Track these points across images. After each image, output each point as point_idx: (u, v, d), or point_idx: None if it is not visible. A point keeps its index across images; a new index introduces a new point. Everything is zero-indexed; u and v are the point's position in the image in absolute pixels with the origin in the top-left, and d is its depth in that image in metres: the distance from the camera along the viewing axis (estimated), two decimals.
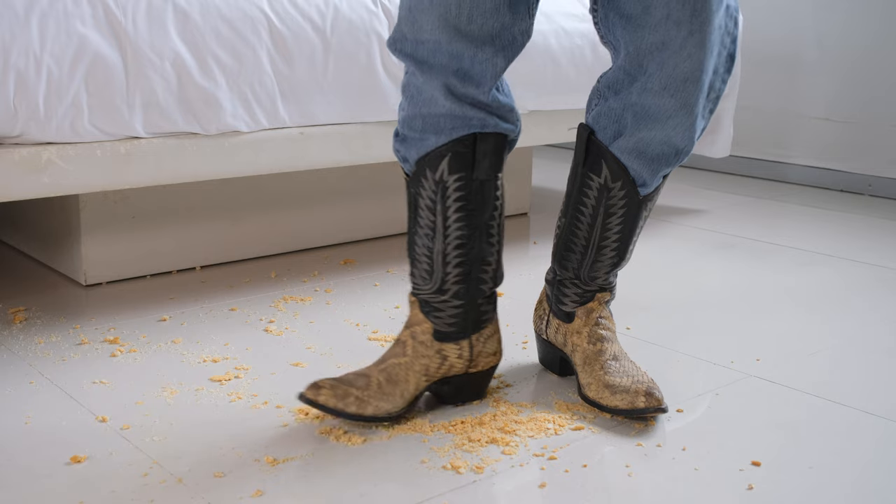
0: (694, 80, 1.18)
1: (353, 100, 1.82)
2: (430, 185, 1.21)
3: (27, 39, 1.44)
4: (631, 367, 1.29)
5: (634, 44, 1.19)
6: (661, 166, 1.25)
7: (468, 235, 1.23)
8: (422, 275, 1.26)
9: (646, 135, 1.22)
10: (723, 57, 1.21)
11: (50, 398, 1.30)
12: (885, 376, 1.45)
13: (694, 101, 1.19)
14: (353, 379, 1.23)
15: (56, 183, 1.52)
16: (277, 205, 2.04)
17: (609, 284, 1.35)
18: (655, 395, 1.22)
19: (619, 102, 1.23)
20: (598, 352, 1.31)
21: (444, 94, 1.17)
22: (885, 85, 2.87)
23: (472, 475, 1.11)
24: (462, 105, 1.18)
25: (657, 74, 1.18)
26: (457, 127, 1.19)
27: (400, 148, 1.25)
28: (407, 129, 1.23)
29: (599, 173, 1.26)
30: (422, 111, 1.20)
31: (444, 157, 1.20)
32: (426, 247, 1.24)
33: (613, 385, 1.25)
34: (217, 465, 1.12)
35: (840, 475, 1.13)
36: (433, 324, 1.26)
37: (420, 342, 1.26)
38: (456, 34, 1.14)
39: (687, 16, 1.15)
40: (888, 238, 2.34)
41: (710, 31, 1.16)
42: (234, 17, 1.66)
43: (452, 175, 1.21)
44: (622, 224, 1.28)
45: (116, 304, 1.72)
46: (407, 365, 1.25)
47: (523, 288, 1.84)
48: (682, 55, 1.16)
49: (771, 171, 3.16)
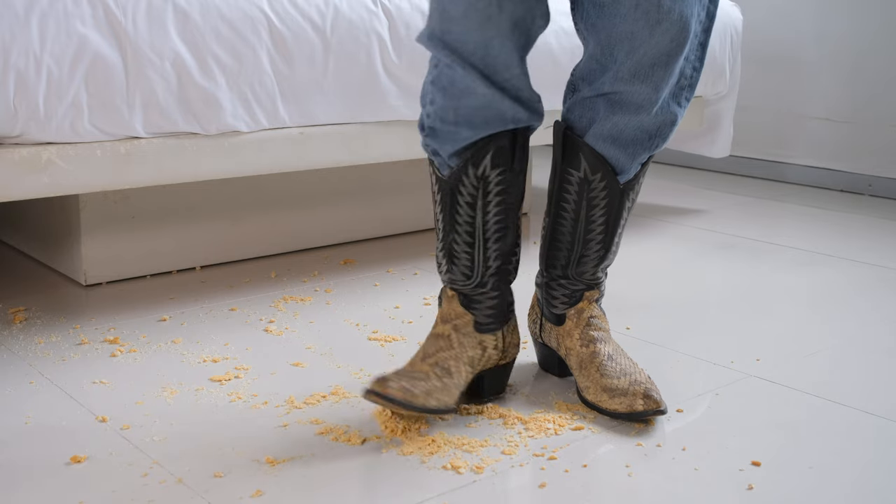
0: (662, 66, 1.20)
1: (353, 100, 1.82)
2: (472, 180, 1.22)
3: (27, 39, 1.44)
4: (628, 365, 1.29)
5: (605, 32, 1.21)
6: (638, 151, 1.26)
7: (504, 228, 1.26)
8: (463, 271, 1.27)
9: (619, 120, 1.24)
10: (694, 45, 1.23)
11: (50, 398, 1.30)
12: (885, 376, 1.45)
13: (663, 84, 1.21)
14: (412, 373, 1.22)
15: (56, 183, 1.52)
16: (277, 205, 2.04)
17: (597, 281, 1.35)
18: (653, 396, 1.23)
19: (592, 91, 1.25)
20: (591, 354, 1.31)
21: (481, 82, 1.17)
22: (885, 85, 2.87)
23: (472, 475, 1.11)
24: (499, 94, 1.18)
25: (626, 62, 1.20)
26: (489, 120, 1.19)
27: (430, 142, 1.24)
28: (438, 122, 1.22)
29: (578, 167, 1.28)
30: (456, 103, 1.19)
31: (488, 153, 1.21)
32: (466, 243, 1.26)
33: (611, 388, 1.26)
34: (217, 465, 1.12)
35: (840, 475, 1.13)
36: (474, 316, 1.28)
37: (464, 334, 1.28)
38: (486, 21, 1.14)
39: (655, 5, 1.17)
40: (888, 238, 2.34)
41: (678, 19, 1.17)
42: (234, 17, 1.66)
43: (495, 169, 1.22)
44: (606, 215, 1.29)
45: (116, 304, 1.72)
46: (457, 357, 1.26)
47: (523, 288, 1.84)
48: (651, 43, 1.18)
49: (771, 171, 3.15)
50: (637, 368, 1.29)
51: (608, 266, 1.36)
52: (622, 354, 1.32)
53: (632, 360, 1.31)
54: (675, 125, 1.27)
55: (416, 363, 1.25)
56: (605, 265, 1.34)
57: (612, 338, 1.35)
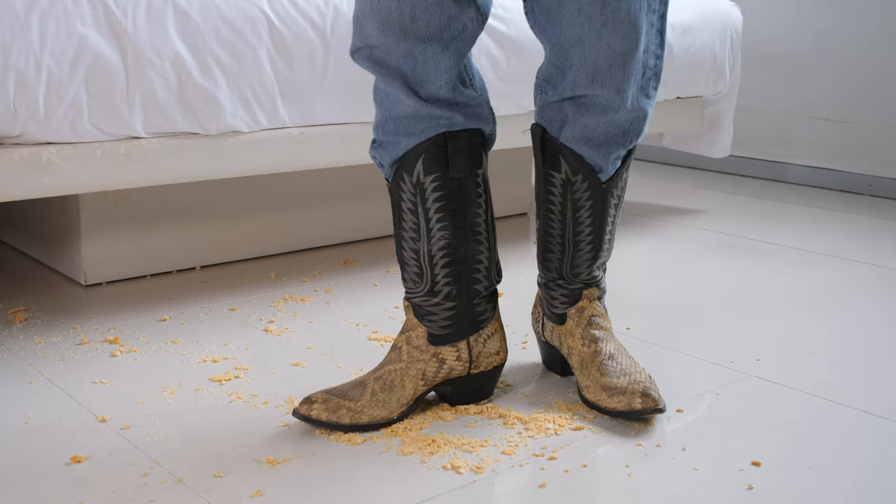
0: (620, 65, 1.19)
1: (353, 100, 1.82)
2: (409, 187, 1.22)
3: (27, 39, 1.44)
4: (629, 365, 1.29)
5: (556, 37, 1.21)
6: (612, 149, 1.25)
7: (452, 235, 1.23)
8: (412, 278, 1.26)
9: (588, 120, 1.23)
10: (651, 35, 1.22)
11: (50, 398, 1.30)
12: (885, 376, 1.45)
13: (626, 84, 1.20)
14: (347, 389, 1.23)
15: (56, 183, 1.52)
16: (277, 205, 2.04)
17: (594, 279, 1.34)
18: (652, 395, 1.22)
19: (556, 96, 1.25)
20: (593, 353, 1.30)
21: (407, 94, 1.18)
22: (885, 85, 2.86)
23: (472, 475, 1.11)
24: (425, 104, 1.18)
25: (582, 67, 1.20)
26: (427, 128, 1.19)
27: (376, 154, 1.25)
28: (381, 133, 1.23)
29: (559, 169, 1.27)
30: (391, 114, 1.21)
31: (419, 159, 1.20)
32: (413, 249, 1.25)
33: (610, 387, 1.25)
34: (217, 465, 1.12)
35: (840, 475, 1.13)
36: (427, 328, 1.26)
37: (415, 347, 1.26)
38: (402, 35, 1.15)
39: (598, 7, 1.16)
40: (888, 238, 2.34)
41: (624, 17, 1.16)
42: (234, 17, 1.66)
43: (429, 176, 1.21)
44: (592, 216, 1.29)
45: (116, 304, 1.72)
46: (402, 370, 1.24)
47: (523, 288, 1.84)
48: (602, 45, 1.17)
49: (771, 171, 3.15)
50: (638, 368, 1.29)
51: (602, 264, 1.35)
52: (624, 353, 1.32)
53: (633, 360, 1.31)
54: (647, 118, 1.26)
55: (369, 374, 1.26)
56: (599, 263, 1.34)
57: (614, 336, 1.35)
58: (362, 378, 1.25)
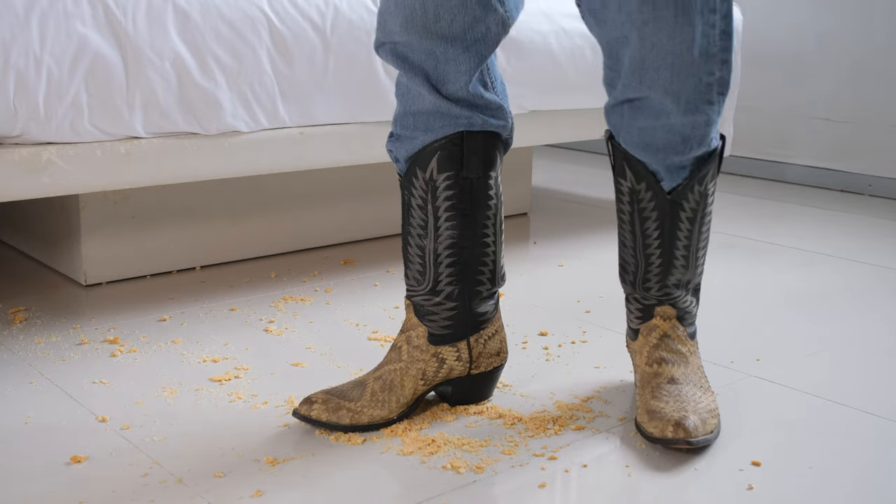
0: (667, 66, 1.13)
1: (353, 100, 1.82)
2: (421, 183, 1.21)
3: (27, 39, 1.44)
4: (690, 393, 1.21)
5: (605, 38, 1.19)
6: (672, 156, 1.18)
7: (460, 235, 1.22)
8: (415, 276, 1.25)
9: (644, 124, 1.18)
10: (711, 36, 1.14)
11: (50, 398, 1.30)
12: (885, 376, 1.45)
13: (678, 88, 1.14)
14: (347, 390, 1.23)
15: (56, 183, 1.52)
16: (277, 205, 2.04)
17: (669, 297, 1.26)
18: (685, 425, 1.14)
19: (614, 99, 1.21)
20: (654, 374, 1.25)
21: (428, 90, 1.17)
22: (885, 85, 2.86)
23: (472, 475, 1.11)
24: (446, 101, 1.18)
25: (631, 68, 1.15)
26: (445, 125, 1.19)
27: (392, 147, 1.24)
28: (399, 127, 1.23)
29: (625, 177, 1.23)
30: (411, 109, 1.20)
31: (434, 156, 1.20)
32: (418, 246, 1.24)
33: (654, 410, 1.19)
34: (217, 465, 1.12)
35: (840, 475, 1.13)
36: (427, 328, 1.25)
37: (415, 346, 1.25)
38: (425, 33, 1.15)
39: (636, 5, 1.12)
40: (888, 238, 2.34)
41: (668, 15, 1.11)
42: (234, 17, 1.66)
43: (442, 174, 1.20)
44: (659, 228, 1.23)
45: (116, 304, 1.72)
46: (402, 370, 1.24)
47: (523, 288, 1.84)
48: (646, 45, 1.13)
49: (771, 171, 3.15)
50: (699, 397, 1.21)
51: (682, 283, 1.27)
52: (692, 382, 1.24)
53: (704, 390, 1.24)
54: (712, 126, 1.18)
55: (369, 374, 1.25)
56: (675, 281, 1.26)
57: (689, 362, 1.27)
58: (362, 378, 1.25)
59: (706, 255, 1.43)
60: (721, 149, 1.23)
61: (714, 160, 1.21)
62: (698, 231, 1.24)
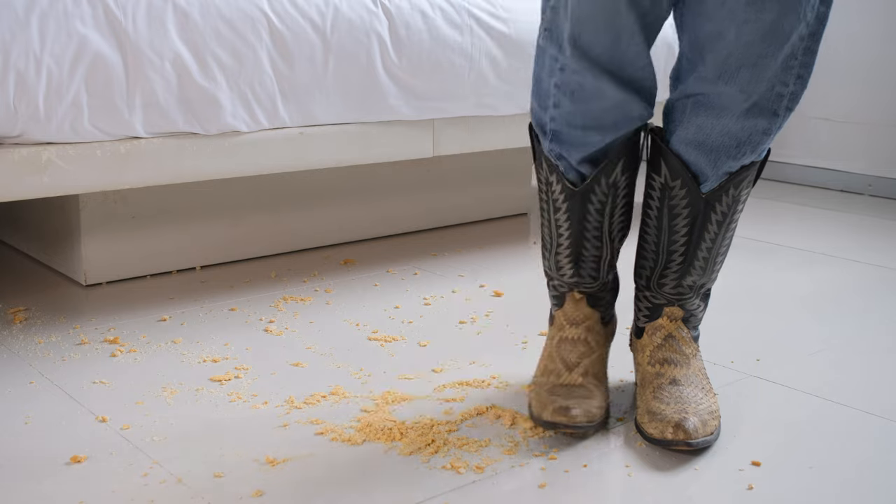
0: (750, 66, 1.13)
1: (353, 100, 1.82)
2: (603, 188, 1.23)
3: (27, 39, 1.44)
4: (691, 395, 1.22)
5: (693, 31, 1.17)
6: (722, 158, 1.18)
7: (627, 226, 1.29)
8: (590, 274, 1.29)
9: (703, 122, 1.18)
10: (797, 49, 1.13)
11: (50, 398, 1.30)
12: (885, 376, 1.45)
13: (752, 89, 1.14)
14: (574, 389, 1.24)
15: (56, 183, 1.52)
16: (277, 205, 2.04)
17: (680, 297, 1.28)
18: (685, 427, 1.15)
19: (679, 93, 1.21)
20: (655, 374, 1.26)
21: (612, 84, 1.16)
22: (885, 84, 2.87)
23: (472, 475, 1.11)
24: (628, 94, 1.17)
25: (712, 63, 1.15)
26: (618, 121, 1.19)
27: (555, 147, 1.22)
28: (564, 126, 1.20)
29: (659, 172, 1.24)
30: (585, 107, 1.18)
31: (619, 161, 1.21)
32: (595, 247, 1.26)
33: (654, 411, 1.20)
34: (217, 465, 1.12)
35: (840, 475, 1.13)
36: (600, 312, 1.32)
37: (596, 332, 1.30)
38: (616, 16, 1.13)
39: (742, 4, 1.11)
40: (888, 238, 2.34)
41: (768, 20, 1.11)
42: (234, 17, 1.66)
43: (625, 175, 1.23)
44: (688, 227, 1.23)
45: (116, 304, 1.72)
46: (600, 359, 1.30)
47: (523, 288, 1.84)
48: (740, 44, 1.12)
49: (770, 171, 3.16)
50: (697, 400, 1.22)
51: (696, 286, 1.28)
52: (694, 384, 1.25)
53: (705, 392, 1.25)
54: (769, 135, 1.17)
55: (563, 374, 1.26)
56: (690, 282, 1.27)
57: (692, 364, 1.28)
58: (570, 380, 1.26)
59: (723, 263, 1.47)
60: (764, 159, 1.24)
61: (754, 168, 1.22)
62: (723, 235, 1.25)
